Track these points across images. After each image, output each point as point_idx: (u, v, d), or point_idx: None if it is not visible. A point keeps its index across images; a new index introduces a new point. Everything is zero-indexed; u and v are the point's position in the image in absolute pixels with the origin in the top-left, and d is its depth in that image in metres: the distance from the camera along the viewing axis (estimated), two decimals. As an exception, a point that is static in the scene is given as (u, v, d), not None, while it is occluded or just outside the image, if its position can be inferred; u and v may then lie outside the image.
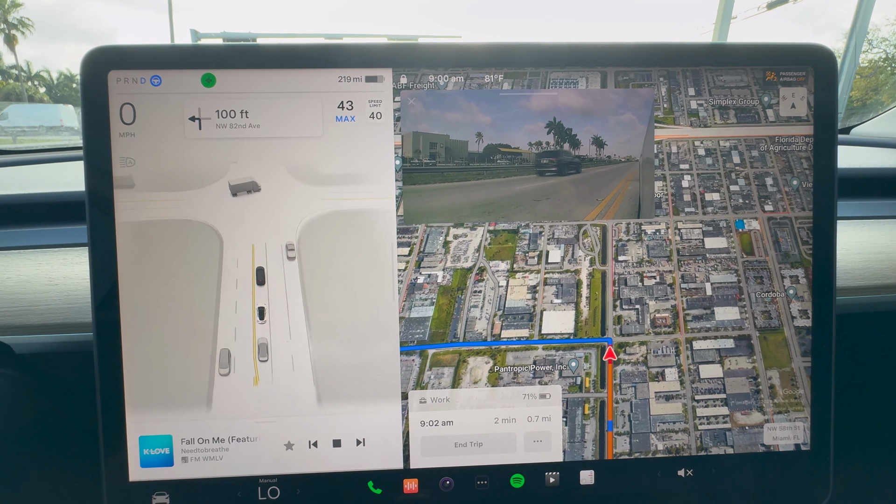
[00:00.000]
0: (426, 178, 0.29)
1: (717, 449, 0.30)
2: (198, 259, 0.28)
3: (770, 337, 0.30)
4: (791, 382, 0.30)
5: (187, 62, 0.27)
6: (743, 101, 0.30)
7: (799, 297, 0.30)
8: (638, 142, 0.29)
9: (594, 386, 0.29)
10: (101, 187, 0.27)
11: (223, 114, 0.27)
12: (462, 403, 0.29)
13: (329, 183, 0.28)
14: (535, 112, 0.29)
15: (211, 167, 0.27)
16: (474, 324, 0.29)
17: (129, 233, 0.27)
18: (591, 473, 0.29)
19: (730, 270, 0.30)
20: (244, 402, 0.28)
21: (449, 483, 0.29)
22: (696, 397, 0.30)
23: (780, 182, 0.30)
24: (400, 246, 0.28)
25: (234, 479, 0.28)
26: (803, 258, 0.30)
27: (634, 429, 0.29)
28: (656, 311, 0.30)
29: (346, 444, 0.28)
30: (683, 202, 0.30)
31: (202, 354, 0.28)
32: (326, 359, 0.28)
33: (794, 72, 0.30)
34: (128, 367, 0.27)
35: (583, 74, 0.29)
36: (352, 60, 0.28)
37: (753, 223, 0.30)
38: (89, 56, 0.27)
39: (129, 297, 0.27)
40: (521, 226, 0.29)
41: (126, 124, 0.27)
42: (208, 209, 0.28)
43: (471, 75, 0.28)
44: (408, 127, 0.28)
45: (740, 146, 0.30)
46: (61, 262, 0.36)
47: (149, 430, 0.28)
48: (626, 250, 0.30)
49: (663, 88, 0.29)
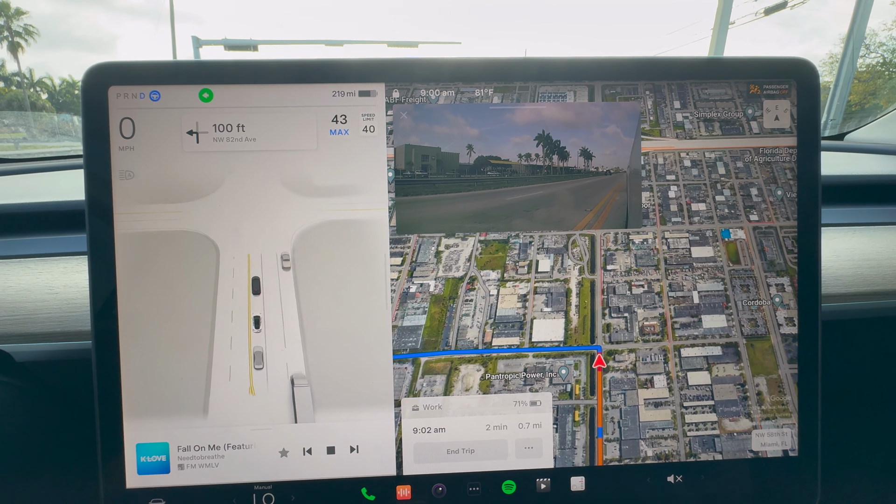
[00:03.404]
0: (418, 189, 0.29)
1: (705, 455, 0.30)
2: (195, 269, 0.28)
3: (757, 344, 0.30)
4: (778, 389, 0.30)
5: (185, 78, 0.28)
6: (727, 114, 0.30)
7: (785, 305, 0.31)
8: (625, 153, 0.30)
9: (584, 393, 0.30)
10: (100, 199, 0.28)
11: (220, 128, 0.28)
12: (454, 410, 0.29)
13: (323, 194, 0.29)
14: (525, 125, 0.29)
15: (208, 179, 0.28)
16: (466, 332, 0.29)
17: (127, 244, 0.28)
18: (581, 480, 0.30)
19: (716, 279, 0.30)
20: (239, 409, 0.28)
21: (441, 489, 0.29)
22: (685, 404, 0.30)
23: (765, 192, 0.31)
24: (393, 256, 0.29)
25: (229, 486, 0.29)
26: (788, 267, 0.31)
27: (624, 435, 0.30)
28: (645, 319, 0.30)
29: (339, 451, 0.29)
30: (670, 212, 0.30)
31: (199, 363, 0.28)
32: (320, 366, 0.29)
33: (778, 85, 0.30)
34: (125, 375, 0.28)
35: (571, 88, 0.30)
36: (345, 75, 0.28)
37: (739, 232, 0.31)
38: (90, 72, 0.27)
39: (127, 306, 0.28)
40: (511, 236, 0.30)
41: (125, 138, 0.28)
42: (205, 220, 0.28)
43: (462, 89, 0.29)
44: (400, 140, 0.29)
45: (725, 157, 0.30)
46: (61, 271, 0.37)
47: (146, 438, 0.28)
48: (615, 259, 0.30)
49: (649, 101, 0.30)
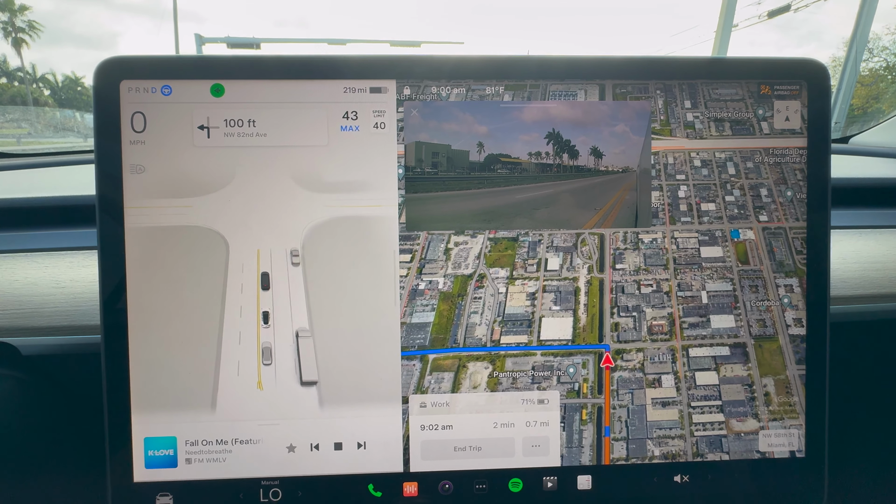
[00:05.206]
0: (428, 186, 0.29)
1: (712, 455, 0.30)
2: (204, 264, 0.28)
3: (765, 345, 0.30)
4: (786, 390, 0.30)
5: (197, 72, 0.28)
6: (738, 114, 0.30)
7: (793, 306, 0.31)
8: (635, 152, 0.30)
9: (592, 392, 0.30)
10: (110, 193, 0.28)
11: (231, 123, 0.28)
12: (462, 408, 0.29)
13: (333, 190, 0.29)
14: (535, 123, 0.29)
15: (218, 174, 0.28)
16: (474, 329, 0.29)
17: (137, 238, 0.28)
18: (588, 478, 0.30)
19: (725, 279, 0.30)
20: (248, 404, 0.28)
21: (448, 487, 0.29)
22: (692, 404, 0.30)
23: (775, 193, 0.31)
24: (402, 253, 0.29)
25: (236, 481, 0.29)
26: (797, 267, 0.31)
27: (631, 434, 0.30)
28: (653, 318, 0.30)
29: (347, 447, 0.29)
30: (680, 212, 0.30)
31: (207, 358, 0.28)
32: (329, 362, 0.29)
33: (788, 85, 0.30)
34: (134, 369, 0.28)
35: (582, 87, 0.30)
36: (357, 72, 0.28)
37: (748, 233, 0.31)
38: (102, 66, 0.27)
39: (136, 300, 0.28)
40: (520, 234, 0.30)
41: (137, 132, 0.28)
42: (215, 215, 0.28)
43: (472, 87, 0.29)
44: (411, 137, 0.29)
45: (735, 157, 0.30)
46: (68, 265, 0.37)
47: (154, 432, 0.28)
48: (624, 258, 0.30)
49: (660, 101, 0.30)
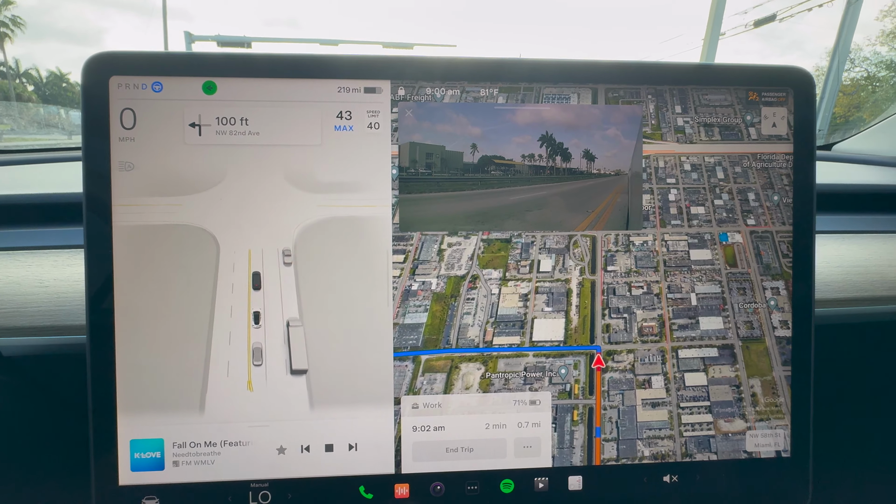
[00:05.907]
0: (422, 187, 0.29)
1: (701, 455, 0.31)
2: (194, 263, 0.28)
3: (752, 346, 0.31)
4: (772, 391, 0.31)
5: (189, 70, 0.27)
6: (727, 120, 0.31)
7: (780, 308, 0.31)
8: (626, 156, 0.30)
9: (583, 393, 0.30)
10: (98, 190, 0.27)
11: (223, 121, 0.28)
12: (454, 409, 0.29)
13: (326, 190, 0.28)
14: (528, 125, 0.30)
15: (210, 173, 0.28)
16: (467, 330, 0.29)
17: (125, 236, 0.27)
18: (579, 479, 0.30)
19: (714, 282, 0.31)
20: (237, 406, 0.28)
21: (440, 488, 0.29)
22: (682, 405, 0.30)
23: (762, 197, 0.31)
24: (395, 253, 0.29)
25: (225, 484, 0.28)
26: (784, 270, 0.31)
27: (622, 435, 0.30)
28: (643, 320, 0.30)
29: (338, 449, 0.29)
30: (670, 215, 0.31)
31: (196, 358, 0.28)
32: (320, 363, 0.28)
33: (775, 92, 0.31)
34: (121, 369, 0.27)
35: (574, 90, 0.30)
36: (351, 72, 0.28)
37: (736, 236, 0.31)
38: (91, 61, 0.27)
39: (124, 300, 0.27)
40: (513, 235, 0.30)
41: (126, 129, 0.27)
42: (206, 214, 0.28)
43: (467, 89, 0.29)
44: (405, 137, 0.29)
45: (724, 162, 0.31)
46: (52, 264, 0.36)
47: (140, 434, 0.28)
48: (615, 261, 0.30)
49: (651, 105, 0.30)
